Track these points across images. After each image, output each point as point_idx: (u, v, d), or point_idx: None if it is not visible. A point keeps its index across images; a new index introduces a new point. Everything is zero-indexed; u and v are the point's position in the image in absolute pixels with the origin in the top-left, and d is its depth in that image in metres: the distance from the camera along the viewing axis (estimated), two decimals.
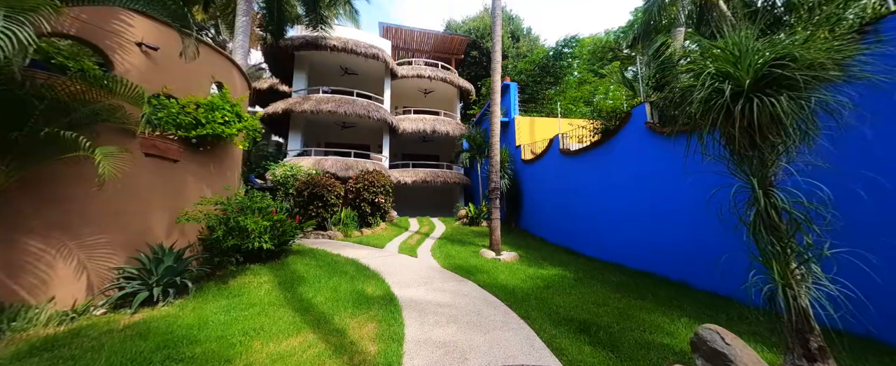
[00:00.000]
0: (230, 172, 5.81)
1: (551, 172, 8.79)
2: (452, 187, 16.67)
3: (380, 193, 10.22)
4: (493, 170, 7.48)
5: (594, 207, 6.83)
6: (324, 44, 13.59)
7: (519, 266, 5.84)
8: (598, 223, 6.67)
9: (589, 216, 7.02)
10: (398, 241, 8.63)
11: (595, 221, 6.78)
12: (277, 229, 5.53)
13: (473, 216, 10.85)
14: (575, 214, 7.60)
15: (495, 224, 7.25)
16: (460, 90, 17.64)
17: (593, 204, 6.87)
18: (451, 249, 7.28)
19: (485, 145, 12.38)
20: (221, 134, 4.71)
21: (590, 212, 6.98)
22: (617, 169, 6.09)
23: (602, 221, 6.52)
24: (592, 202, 6.91)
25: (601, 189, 6.56)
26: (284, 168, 10.34)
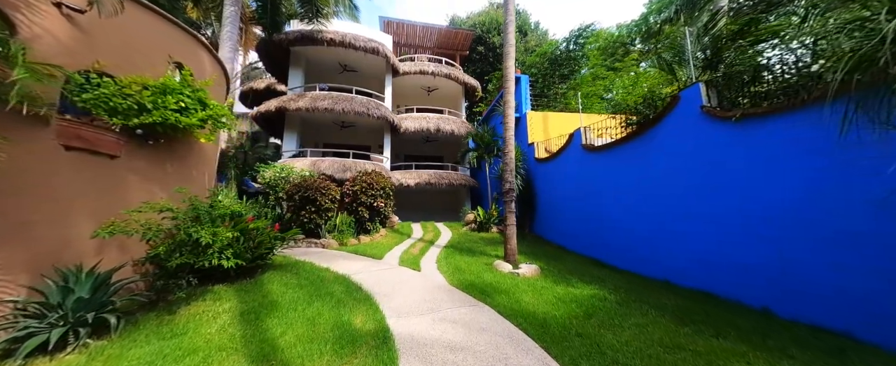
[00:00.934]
0: (197, 172, 4.89)
1: (571, 171, 7.77)
2: (458, 190, 15.69)
3: (379, 197, 9.27)
4: (506, 169, 6.49)
5: (628, 211, 5.80)
6: (320, 38, 12.76)
7: (544, 283, 4.82)
8: (633, 231, 5.63)
9: (621, 222, 5.99)
10: (399, 250, 7.65)
11: (629, 227, 5.75)
12: (251, 240, 4.59)
13: (482, 221, 9.85)
14: (602, 218, 6.56)
15: (511, 231, 6.24)
16: (465, 87, 16.70)
17: (626, 207, 5.84)
18: (459, 261, 6.28)
19: (493, 144, 11.40)
20: (177, 124, 3.79)
21: (622, 217, 5.95)
22: (660, 165, 5.07)
23: (639, 227, 5.49)
24: (625, 205, 5.88)
25: (637, 190, 5.54)
26: (274, 169, 9.44)
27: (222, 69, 5.74)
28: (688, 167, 4.57)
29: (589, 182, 7.01)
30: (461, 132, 14.97)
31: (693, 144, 4.49)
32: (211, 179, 5.64)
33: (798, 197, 3.28)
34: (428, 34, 17.12)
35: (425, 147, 17.37)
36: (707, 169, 4.32)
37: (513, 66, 6.65)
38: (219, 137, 5.96)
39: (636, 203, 5.58)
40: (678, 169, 4.73)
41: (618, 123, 6.47)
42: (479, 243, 8.25)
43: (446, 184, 14.15)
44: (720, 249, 4.14)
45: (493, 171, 11.44)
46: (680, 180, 4.71)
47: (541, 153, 9.85)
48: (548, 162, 9.16)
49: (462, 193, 15.72)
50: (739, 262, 3.89)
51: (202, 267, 3.49)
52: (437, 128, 14.55)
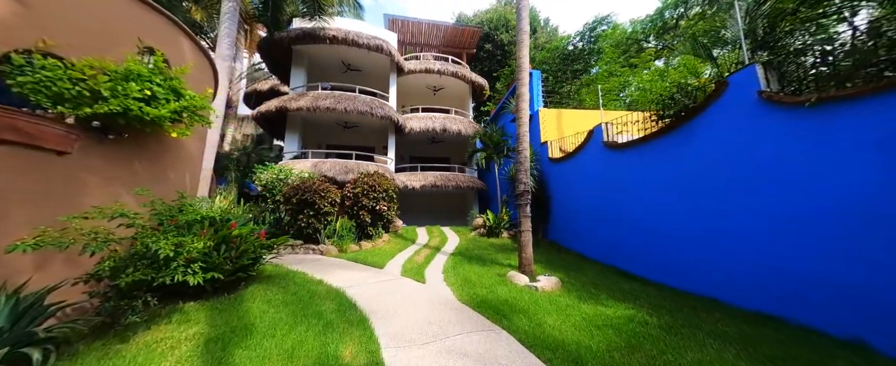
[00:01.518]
0: (175, 172, 4.37)
1: (590, 171, 7.08)
2: (465, 192, 15.05)
3: (382, 200, 8.69)
4: (520, 168, 5.84)
5: (661, 215, 5.09)
6: (322, 35, 12.34)
7: (567, 300, 4.15)
8: (668, 238, 4.92)
9: (652, 228, 5.27)
10: (402, 257, 7.04)
11: (664, 234, 5.04)
12: (234, 249, 4.03)
13: (492, 226, 9.19)
14: (628, 224, 5.85)
15: (526, 238, 5.58)
16: (473, 86, 16.11)
17: (660, 212, 5.13)
18: (468, 271, 5.64)
19: (503, 143, 10.76)
20: (143, 115, 3.27)
21: (654, 222, 5.24)
22: (703, 163, 4.36)
23: (676, 235, 4.78)
24: (658, 210, 5.17)
25: (674, 192, 4.83)
26: (272, 171, 8.95)
27: (209, 61, 5.25)
28: (740, 163, 3.86)
29: (612, 183, 6.31)
30: (468, 132, 14.36)
31: (747, 136, 3.79)
32: (195, 181, 5.13)
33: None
34: (434, 32, 16.62)
35: (431, 148, 16.80)
36: (765, 165, 3.62)
37: (527, 55, 6.02)
38: (206, 135, 5.46)
39: (673, 207, 4.87)
40: (727, 166, 4.02)
41: (643, 118, 5.78)
42: (490, 250, 7.59)
43: (453, 186, 13.53)
44: (787, 262, 3.42)
45: (503, 172, 10.79)
46: (730, 179, 4.01)
47: (555, 153, 9.17)
48: (563, 162, 8.47)
49: (469, 196, 15.07)
50: (816, 277, 3.17)
51: (163, 284, 2.92)
52: (443, 128, 13.98)
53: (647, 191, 5.39)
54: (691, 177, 4.55)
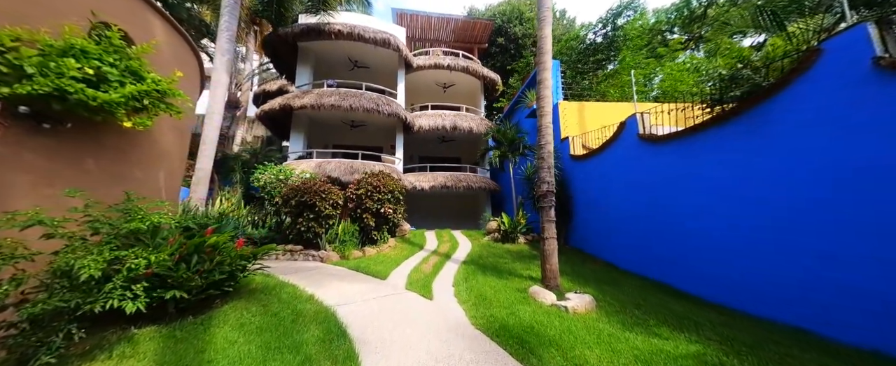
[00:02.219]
0: (144, 171, 3.79)
1: (622, 169, 6.20)
2: (477, 194, 14.26)
3: (387, 201, 8.02)
4: (543, 165, 5.04)
5: (718, 221, 4.20)
6: (327, 29, 11.85)
7: (609, 327, 3.33)
8: (730, 251, 4.02)
9: (707, 237, 4.38)
10: (408, 266, 6.34)
11: (722, 245, 4.14)
12: (206, 262, 3.40)
13: (507, 230, 8.38)
14: (672, 231, 4.96)
15: (550, 246, 4.77)
16: (484, 82, 15.34)
17: (716, 217, 4.24)
18: (483, 284, 4.87)
19: (518, 140, 9.94)
20: (86, 99, 2.67)
21: (709, 230, 4.34)
22: (779, 156, 3.47)
23: (740, 247, 3.88)
24: (713, 214, 4.28)
25: (734, 193, 3.93)
26: (271, 171, 8.42)
27: (190, 47, 4.69)
28: (845, 155, 2.96)
29: (650, 182, 5.42)
30: (480, 130, 13.59)
31: (860, 117, 2.88)
32: (175, 181, 4.56)
33: None
34: (443, 26, 15.94)
35: (441, 147, 16.10)
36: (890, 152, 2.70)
37: (549, 35, 5.23)
38: (187, 129, 4.90)
39: (731, 210, 3.98)
40: (827, 161, 3.11)
41: (680, 108, 4.87)
42: (506, 259, 6.79)
43: (464, 187, 12.78)
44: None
45: (519, 171, 9.95)
46: (835, 175, 3.09)
47: (577, 149, 8.29)
48: (587, 159, 7.59)
49: (481, 198, 14.28)
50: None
51: (94, 312, 2.28)
52: (453, 125, 13.25)
53: (698, 192, 4.49)
54: (762, 175, 3.65)
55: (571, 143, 8.38)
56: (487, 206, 13.80)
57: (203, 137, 9.09)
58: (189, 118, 4.68)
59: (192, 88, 4.75)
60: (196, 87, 4.95)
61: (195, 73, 4.90)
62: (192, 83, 4.75)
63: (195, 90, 5.00)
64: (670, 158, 5.01)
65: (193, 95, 4.88)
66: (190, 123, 4.80)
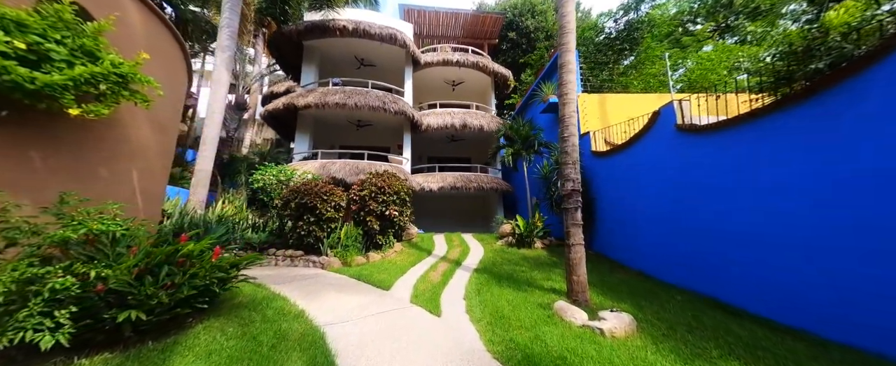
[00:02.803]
0: (112, 170, 3.34)
1: (656, 165, 5.46)
2: (488, 195, 13.61)
3: (393, 203, 7.48)
4: (567, 161, 4.39)
5: (787, 228, 3.45)
6: (332, 26, 11.47)
7: (661, 359, 2.65)
8: (810, 261, 3.27)
9: (771, 245, 3.63)
10: (415, 274, 5.76)
11: (794, 257, 3.39)
12: (177, 275, 2.91)
13: (522, 234, 7.70)
14: (723, 237, 4.21)
15: (577, 255, 4.11)
16: (495, 78, 14.71)
17: (783, 223, 3.49)
18: (499, 297, 4.23)
19: (533, 137, 9.26)
20: (22, 81, 2.21)
21: (774, 237, 3.59)
22: (881, 146, 2.72)
23: (830, 256, 3.13)
24: (779, 220, 3.53)
25: (820, 188, 3.19)
26: (270, 172, 8.00)
27: (172, 35, 4.26)
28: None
29: (692, 179, 4.67)
30: (491, 128, 12.95)
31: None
32: (155, 182, 4.11)
33: None
34: (452, 21, 15.40)
35: (450, 147, 15.52)
36: None
37: (572, 12, 4.58)
38: (167, 123, 4.46)
39: (811, 212, 3.23)
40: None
41: (721, 96, 4.13)
42: (523, 266, 6.12)
43: (475, 188, 12.15)
44: None
45: (534, 171, 9.28)
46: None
47: (599, 145, 7.56)
48: (611, 156, 6.86)
49: (493, 199, 13.61)
50: None
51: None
52: (463, 123, 12.66)
53: (758, 192, 3.74)
54: (853, 172, 2.90)
55: (593, 138, 7.66)
56: (499, 207, 13.12)
57: (203, 138, 8.80)
58: (170, 112, 4.24)
59: (174, 80, 4.32)
60: (180, 80, 4.52)
61: (178, 64, 4.47)
62: (173, 74, 4.32)
63: (179, 83, 4.58)
64: (720, 151, 4.26)
65: (177, 88, 4.46)
66: (172, 118, 4.36)
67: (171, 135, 4.46)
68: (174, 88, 4.37)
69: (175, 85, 4.38)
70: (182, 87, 4.68)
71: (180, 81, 4.57)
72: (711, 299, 4.25)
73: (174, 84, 4.35)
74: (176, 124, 4.61)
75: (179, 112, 4.60)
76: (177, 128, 4.72)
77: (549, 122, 10.27)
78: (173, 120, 4.47)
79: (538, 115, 10.35)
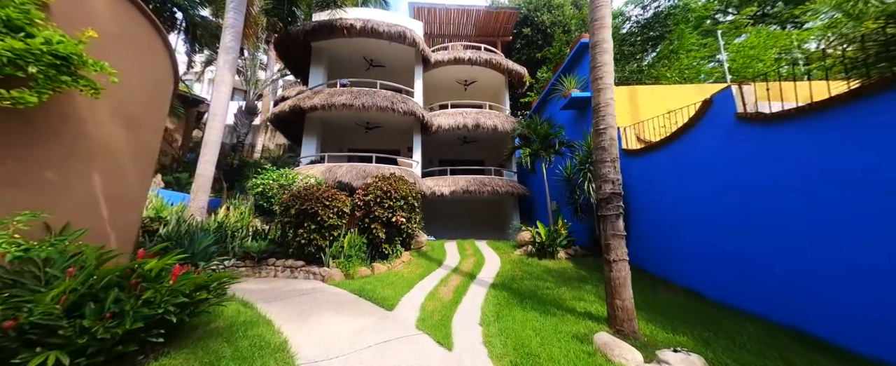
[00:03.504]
0: (59, 172, 2.84)
1: (708, 163, 4.60)
2: (503, 199, 12.83)
3: (400, 209, 6.84)
4: (604, 157, 3.62)
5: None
6: (340, 25, 11.08)
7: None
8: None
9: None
10: (423, 289, 5.07)
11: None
12: (129, 301, 2.34)
13: (544, 243, 6.89)
14: (815, 254, 3.32)
15: (622, 273, 3.33)
16: (509, 76, 13.99)
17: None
18: (523, 325, 3.48)
19: (552, 136, 8.47)
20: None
21: None
22: None
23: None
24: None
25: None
26: (270, 176, 7.53)
27: (153, 26, 3.79)
28: None
29: (764, 178, 3.80)
30: (506, 128, 12.21)
31: None
32: (126, 186, 3.61)
33: None
34: (464, 19, 14.83)
35: (462, 149, 14.85)
36: None
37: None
38: (148, 120, 3.98)
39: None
40: None
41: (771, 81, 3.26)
42: (547, 281, 5.33)
43: (489, 192, 11.41)
44: None
45: (554, 172, 8.46)
46: None
47: (631, 143, 6.71)
48: (647, 154, 6.01)
49: (508, 204, 12.81)
50: None
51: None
52: (476, 123, 11.98)
53: (872, 194, 2.86)
54: None
55: (623, 135, 6.81)
56: (516, 213, 12.30)
57: (204, 141, 8.46)
58: (146, 106, 3.76)
59: (149, 70, 3.85)
60: (160, 71, 4.05)
61: (156, 53, 4.00)
62: (148, 63, 3.84)
63: (159, 75, 4.11)
64: (798, 146, 3.39)
65: (156, 79, 3.99)
66: (151, 114, 3.88)
67: (150, 133, 3.97)
68: (151, 80, 3.89)
69: (152, 76, 3.91)
70: (162, 80, 4.21)
71: (160, 72, 4.10)
72: (793, 329, 3.36)
73: (150, 75, 3.88)
74: (156, 122, 4.13)
75: (161, 108, 4.13)
76: (158, 126, 4.24)
77: (569, 119, 9.45)
78: (152, 116, 3.99)
79: (558, 112, 9.55)
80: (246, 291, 5.07)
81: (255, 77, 17.72)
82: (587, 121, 8.49)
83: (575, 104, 8.52)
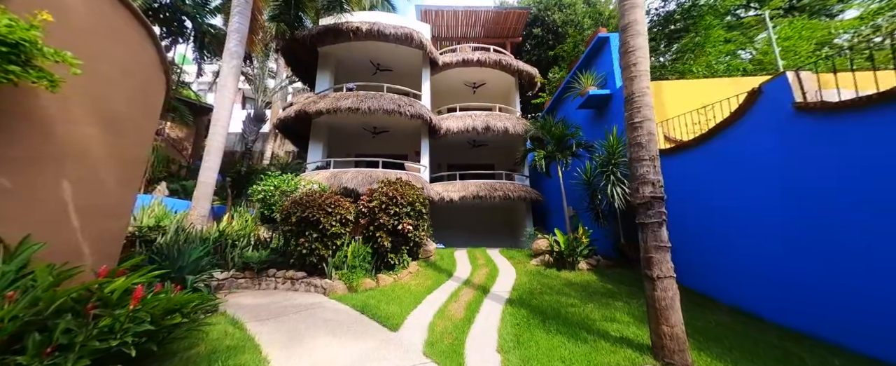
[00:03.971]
0: (15, 177, 2.50)
1: (758, 161, 4.02)
2: (515, 205, 12.26)
3: (407, 216, 6.40)
4: (641, 155, 3.12)
5: None
6: (346, 28, 10.90)
7: None
8: None
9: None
10: (432, 305, 4.59)
11: None
12: (82, 329, 1.95)
13: (562, 252, 6.31)
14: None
15: (668, 292, 2.79)
16: (520, 77, 13.54)
17: None
18: (550, 354, 2.95)
19: (570, 136, 7.94)
20: None
21: None
22: None
23: None
24: None
25: None
26: (270, 182, 7.22)
27: (138, 21, 3.51)
28: None
29: (832, 179, 3.21)
30: (517, 130, 11.72)
31: None
32: (113, 195, 3.29)
33: None
34: (472, 21, 14.52)
35: (472, 153, 14.40)
36: None
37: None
38: (133, 121, 3.68)
39: None
40: None
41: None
42: (570, 297, 4.76)
43: (500, 197, 10.88)
44: None
45: (572, 175, 7.90)
46: None
47: (659, 142, 6.12)
48: (681, 153, 5.43)
49: (521, 209, 12.24)
50: None
51: None
52: (486, 126, 11.53)
53: None
54: None
55: None
56: (529, 219, 11.71)
57: (207, 148, 8.24)
58: (129, 106, 3.46)
59: (132, 66, 3.55)
60: (146, 69, 3.77)
61: (147, 56, 3.72)
62: (132, 59, 3.55)
63: (150, 79, 3.83)
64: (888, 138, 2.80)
65: (141, 79, 3.70)
66: (135, 116, 3.58)
67: (136, 136, 3.67)
68: (136, 78, 3.60)
69: (137, 73, 3.62)
70: (150, 78, 3.93)
71: (146, 71, 3.81)
72: (887, 363, 2.73)
73: (135, 72, 3.59)
74: (143, 124, 3.84)
75: (148, 108, 3.84)
76: (146, 128, 3.96)
77: (586, 119, 8.89)
78: (138, 118, 3.69)
79: (573, 112, 9.02)
80: (241, 306, 4.69)
81: (264, 84, 17.78)
82: (606, 120, 7.92)
83: (592, 103, 7.99)
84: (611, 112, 7.65)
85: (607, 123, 7.71)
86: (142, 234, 6.64)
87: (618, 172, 5.92)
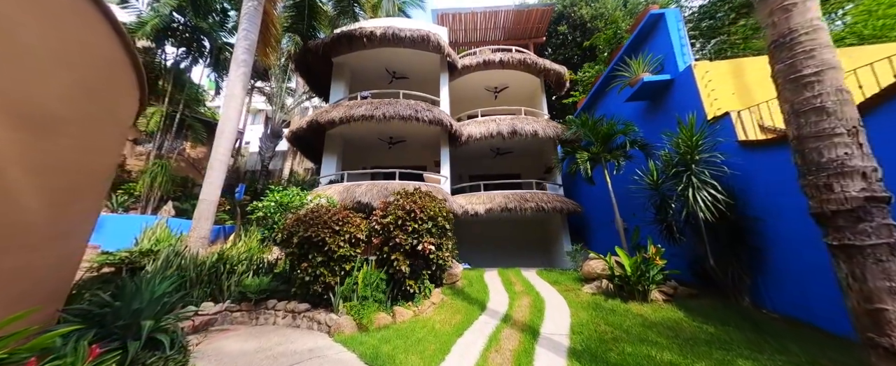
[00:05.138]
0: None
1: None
2: (550, 217, 10.85)
3: (427, 233, 5.26)
4: (821, 133, 1.85)
5: None
6: (360, 34, 10.33)
7: None
8: None
9: None
10: (464, 359, 3.35)
11: None
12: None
13: (628, 277, 4.88)
14: None
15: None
16: (546, 77, 12.41)
17: None
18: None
19: (620, 133, 6.63)
20: None
21: None
22: None
23: None
24: None
25: None
26: (273, 197, 6.35)
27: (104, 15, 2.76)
28: None
29: None
30: (548, 134, 10.48)
31: None
32: (59, 214, 2.42)
33: None
34: (491, 22, 13.72)
35: (496, 163, 13.22)
36: None
37: None
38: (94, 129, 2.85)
39: None
40: None
41: None
42: (664, 349, 3.35)
43: (532, 209, 9.54)
44: None
45: (627, 179, 6.51)
46: None
47: (749, 132, 4.72)
48: (783, 147, 4.00)
49: (556, 223, 10.80)
50: None
51: None
52: (512, 130, 10.39)
53: None
54: None
55: (736, 122, 4.84)
56: (565, 233, 10.24)
57: (210, 163, 7.57)
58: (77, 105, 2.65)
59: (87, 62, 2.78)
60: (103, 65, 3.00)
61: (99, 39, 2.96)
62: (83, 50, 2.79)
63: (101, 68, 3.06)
64: None
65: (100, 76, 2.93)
66: (79, 115, 2.76)
67: (78, 143, 2.84)
68: (81, 67, 2.81)
69: (82, 61, 2.82)
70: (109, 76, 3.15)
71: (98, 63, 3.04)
72: None
73: (79, 59, 2.79)
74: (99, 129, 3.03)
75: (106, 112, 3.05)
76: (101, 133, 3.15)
77: (637, 113, 7.55)
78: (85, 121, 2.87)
79: (619, 106, 7.73)
80: (223, 355, 3.68)
81: (282, 101, 17.69)
82: (665, 112, 6.54)
83: (646, 93, 6.69)
84: (671, 101, 6.30)
85: (667, 116, 6.34)
86: (132, 260, 5.93)
87: (706, 172, 4.53)
